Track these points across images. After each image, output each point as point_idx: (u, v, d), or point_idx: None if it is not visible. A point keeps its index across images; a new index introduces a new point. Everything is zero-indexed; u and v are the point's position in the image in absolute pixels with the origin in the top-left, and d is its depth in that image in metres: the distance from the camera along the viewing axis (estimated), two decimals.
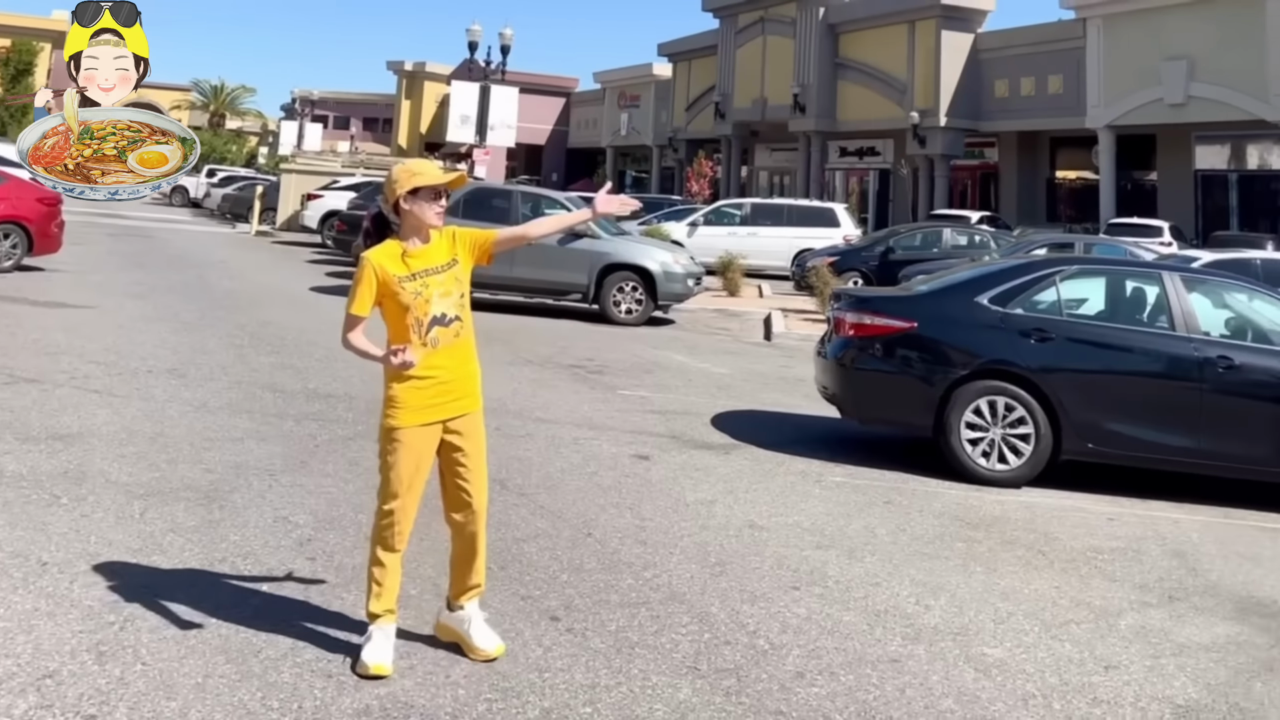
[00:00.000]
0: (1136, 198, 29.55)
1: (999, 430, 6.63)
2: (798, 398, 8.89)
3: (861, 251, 18.61)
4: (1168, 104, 27.02)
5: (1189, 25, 26.33)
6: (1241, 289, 7.42)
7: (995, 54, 32.68)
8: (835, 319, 7.48)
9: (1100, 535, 5.66)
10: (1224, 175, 28.51)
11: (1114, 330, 6.99)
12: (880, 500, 6.08)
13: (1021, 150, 33.73)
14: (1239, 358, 6.67)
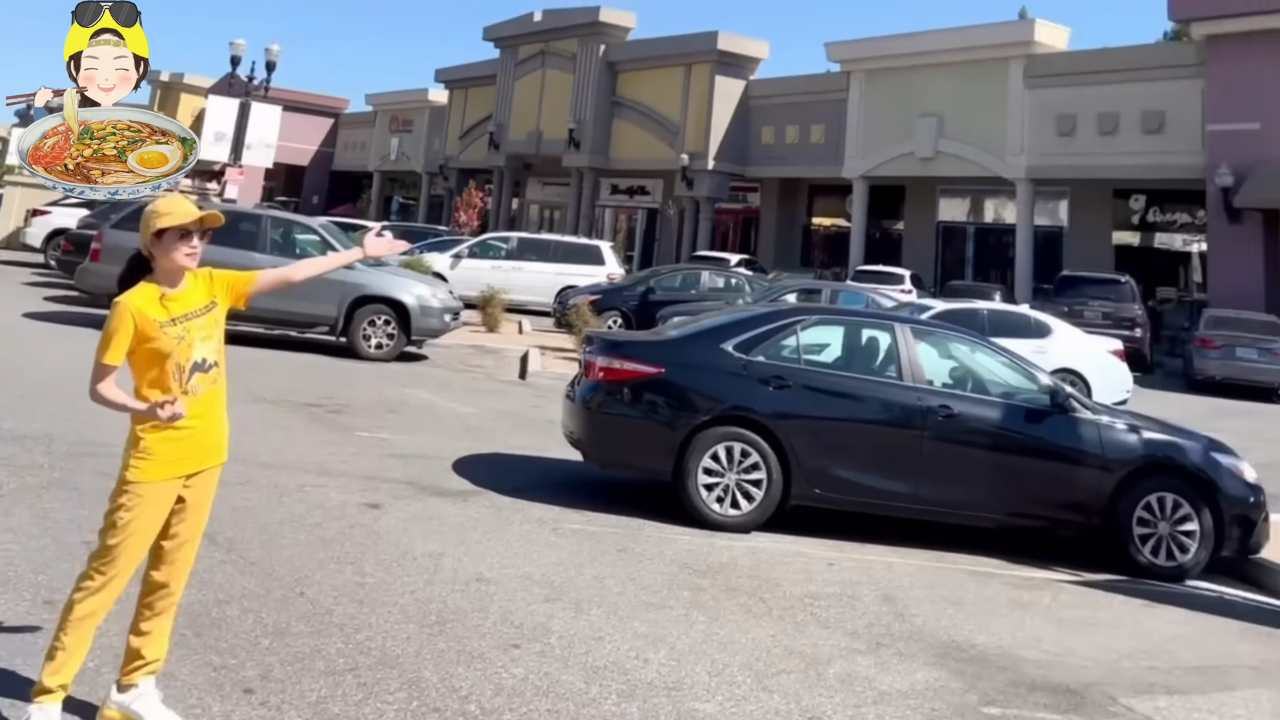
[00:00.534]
0: (884, 245, 31.85)
1: (734, 476, 6.85)
2: (547, 439, 8.89)
3: (623, 291, 18.98)
4: (918, 158, 29.32)
5: (941, 85, 28.71)
6: (965, 341, 7.98)
7: (764, 101, 34.40)
8: (586, 362, 7.54)
9: (819, 580, 5.94)
10: (963, 227, 31.25)
11: (846, 379, 7.38)
12: (614, 548, 6.13)
13: (782, 196, 35.64)
14: (957, 406, 7.18)
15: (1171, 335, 23.94)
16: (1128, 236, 27.77)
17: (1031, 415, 7.27)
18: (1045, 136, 26.70)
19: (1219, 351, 17.67)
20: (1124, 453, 7.10)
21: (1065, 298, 20.25)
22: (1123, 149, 25.22)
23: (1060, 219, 28.84)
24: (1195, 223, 25.67)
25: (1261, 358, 17.49)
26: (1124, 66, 25.73)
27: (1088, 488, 7.03)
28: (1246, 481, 7.19)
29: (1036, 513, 7.14)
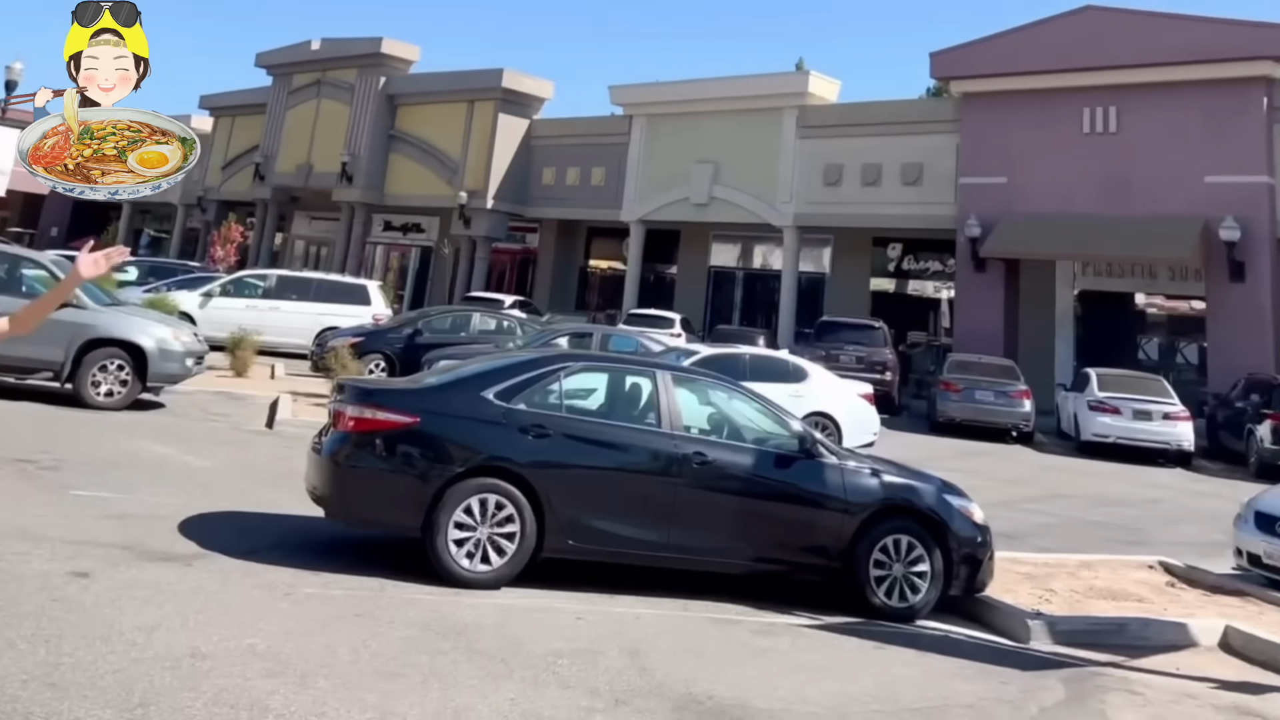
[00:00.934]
0: (658, 289, 32.67)
1: (487, 529, 6.73)
2: (290, 495, 8.46)
3: (388, 333, 18.51)
4: (693, 203, 30.26)
5: (719, 132, 29.76)
6: (722, 388, 8.18)
7: (547, 141, 34.61)
8: (335, 411, 7.26)
9: (565, 636, 5.91)
10: (733, 272, 32.49)
11: (606, 426, 7.41)
12: (352, 612, 5.90)
13: (561, 238, 35.97)
14: (712, 453, 7.36)
15: (919, 378, 25.54)
16: (884, 283, 29.65)
17: (781, 461, 7.51)
18: (813, 185, 28.10)
19: (960, 394, 19.00)
20: (864, 496, 7.44)
21: (824, 342, 21.40)
22: (884, 199, 26.85)
23: (824, 265, 30.47)
24: (946, 270, 27.67)
25: (998, 400, 18.90)
26: (888, 120, 27.48)
27: (830, 531, 7.31)
28: (975, 522, 7.64)
29: (783, 557, 7.38)
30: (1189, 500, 13.45)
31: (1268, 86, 21.67)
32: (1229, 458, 18.36)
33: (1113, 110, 23.27)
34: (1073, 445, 18.79)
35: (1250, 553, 8.77)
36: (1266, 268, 21.13)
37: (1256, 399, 17.70)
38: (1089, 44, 23.17)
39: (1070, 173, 23.45)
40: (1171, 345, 25.12)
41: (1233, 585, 8.45)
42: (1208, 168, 21.82)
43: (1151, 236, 21.98)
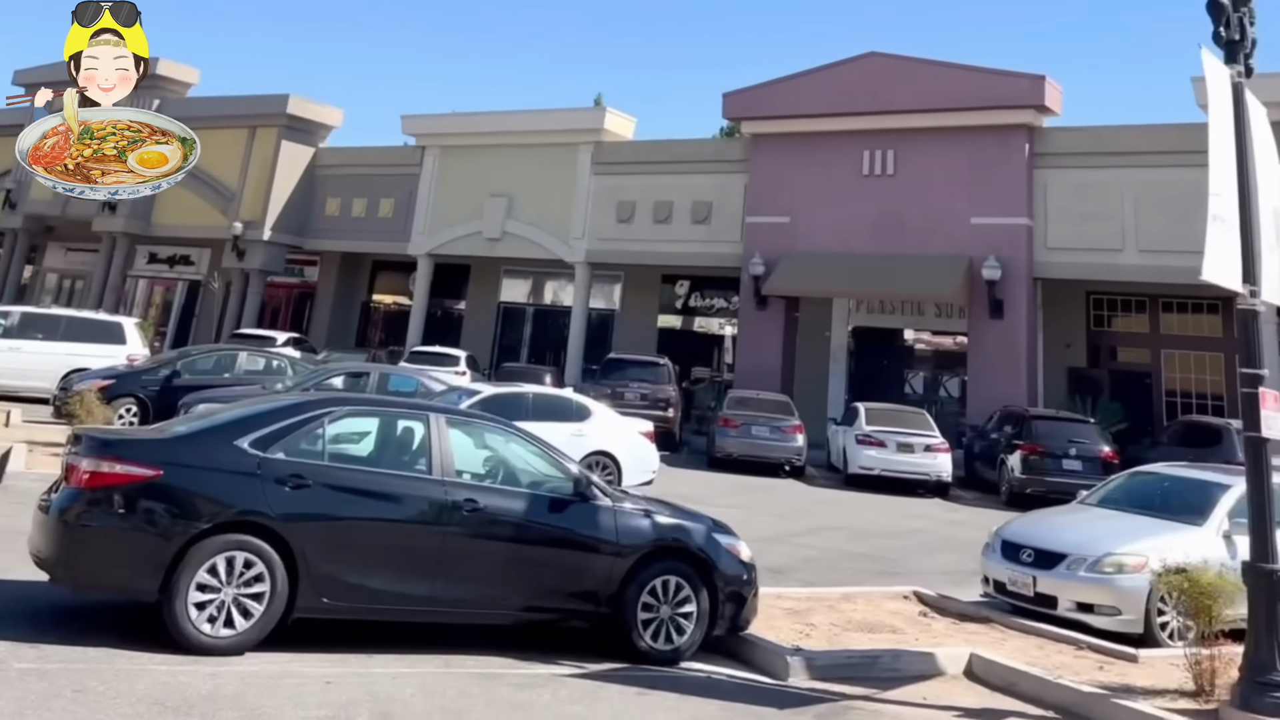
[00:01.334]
0: (445, 325, 32.32)
1: (232, 590, 6.37)
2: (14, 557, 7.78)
3: (142, 375, 17.42)
4: (485, 237, 30.12)
5: (514, 166, 29.80)
6: (500, 430, 8.03)
7: (333, 171, 33.70)
8: (68, 465, 6.73)
9: (312, 704, 5.65)
10: (523, 308, 32.53)
11: (371, 475, 7.15)
12: (71, 688, 5.46)
13: (343, 271, 35.02)
14: (484, 499, 7.23)
15: (701, 414, 26.28)
16: (672, 320, 30.38)
17: (555, 505, 7.46)
18: (606, 222, 28.50)
19: (738, 430, 19.56)
20: (637, 538, 7.48)
21: (610, 379, 21.70)
22: (674, 236, 27.49)
23: (614, 302, 30.92)
24: (730, 308, 28.58)
25: (773, 435, 19.58)
26: (681, 159, 28.26)
27: (601, 575, 7.31)
28: (742, 560, 7.78)
29: (553, 605, 7.32)
30: (945, 530, 14.32)
31: (1029, 134, 23.49)
32: (984, 487, 19.57)
33: (890, 153, 24.64)
34: (841, 478, 19.57)
35: (996, 580, 9.41)
36: (1023, 305, 22.83)
37: (1009, 430, 18.98)
38: (871, 89, 24.45)
39: (850, 213, 24.67)
40: (936, 379, 26.84)
41: (979, 613, 9.03)
42: (974, 209, 23.45)
43: (921, 275, 23.37)
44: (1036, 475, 17.75)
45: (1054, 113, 23.76)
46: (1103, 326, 25.21)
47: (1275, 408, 6.93)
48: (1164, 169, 21.29)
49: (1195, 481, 10.18)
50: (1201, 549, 8.69)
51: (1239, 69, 7.10)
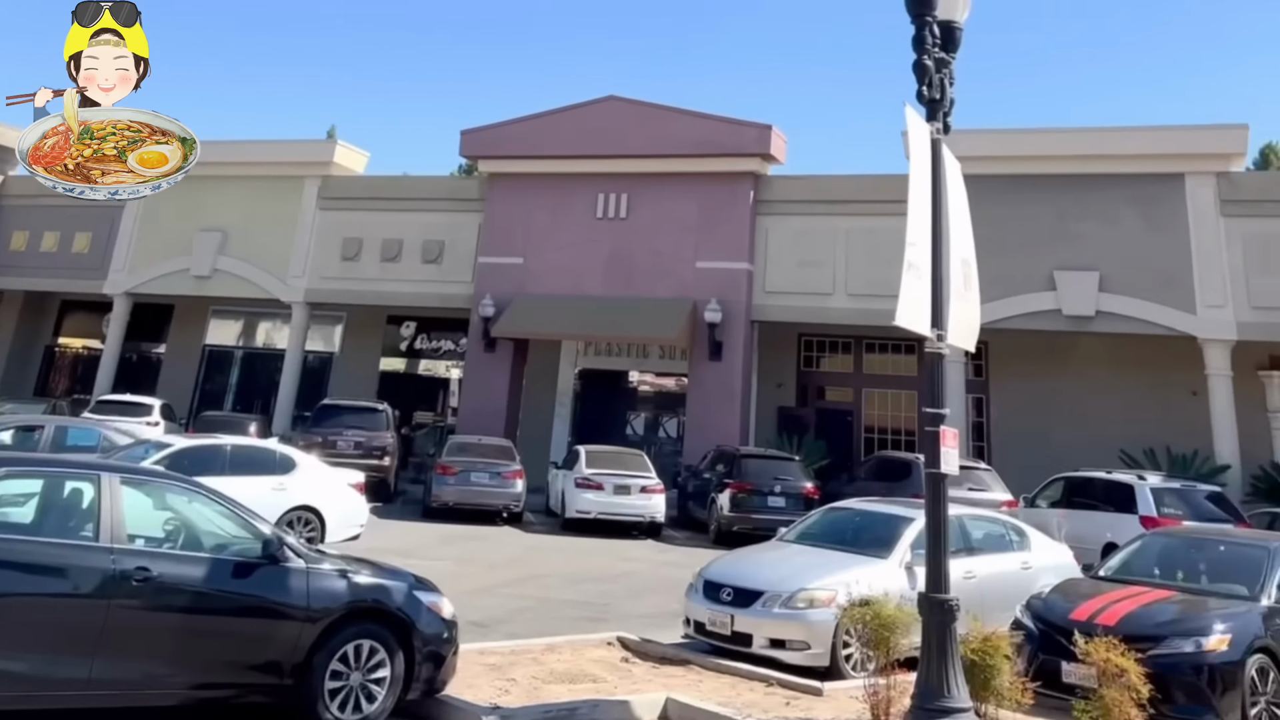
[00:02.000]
0: (142, 371, 30.22)
1: None
2: None
3: None
4: (193, 275, 28.44)
5: (232, 199, 28.26)
6: (183, 489, 7.41)
7: (21, 201, 30.64)
8: None
9: None
10: (231, 351, 30.88)
11: (26, 545, 6.39)
12: None
13: (26, 312, 32.10)
14: (158, 567, 6.62)
15: (420, 461, 25.72)
16: (396, 362, 29.73)
17: (240, 569, 6.96)
18: (330, 260, 27.57)
19: (456, 477, 19.11)
20: (330, 601, 7.09)
21: (322, 427, 20.81)
22: (403, 276, 26.94)
23: (334, 344, 29.93)
24: (458, 350, 28.27)
25: (492, 481, 19.25)
26: (414, 195, 27.82)
27: (287, 644, 6.87)
28: (443, 618, 7.50)
29: (228, 680, 6.78)
30: (655, 570, 14.56)
31: (754, 181, 24.68)
32: (696, 526, 20.09)
33: (625, 197, 25.21)
34: (558, 523, 19.52)
35: (697, 620, 9.64)
36: (740, 346, 23.85)
37: (721, 469, 19.58)
38: (608, 132, 24.97)
39: (582, 255, 25.06)
40: (657, 420, 27.64)
41: (679, 655, 9.21)
42: (701, 254, 24.36)
43: (648, 317, 23.99)
44: (744, 513, 18.29)
45: (778, 161, 25.04)
46: (812, 367, 26.78)
47: (954, 445, 7.44)
48: (874, 217, 22.84)
49: (882, 515, 10.83)
50: (885, 581, 9.29)
51: (938, 126, 7.61)
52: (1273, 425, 21.95)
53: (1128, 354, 22.98)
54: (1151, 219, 21.63)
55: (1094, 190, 22.03)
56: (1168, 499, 15.80)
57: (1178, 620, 8.25)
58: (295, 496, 13.25)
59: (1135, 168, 21.82)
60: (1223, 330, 20.71)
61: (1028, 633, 8.52)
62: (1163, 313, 21.11)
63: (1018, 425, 23.51)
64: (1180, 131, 22.29)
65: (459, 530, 17.49)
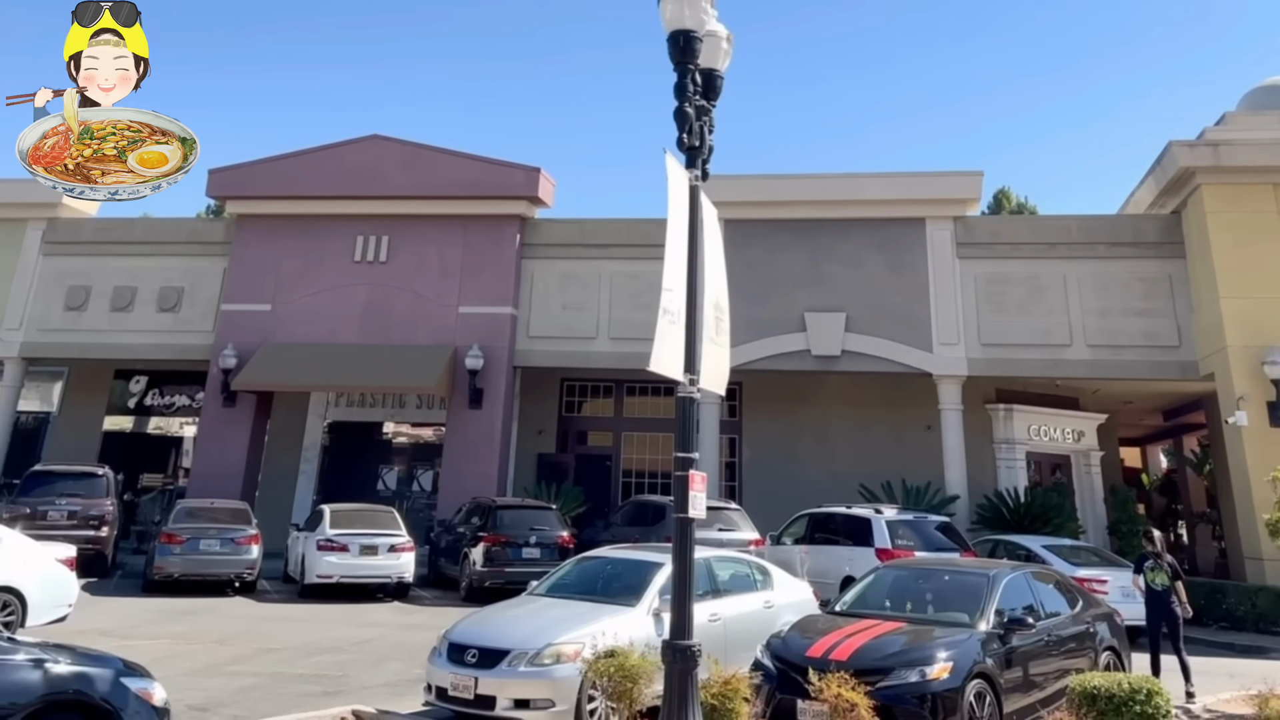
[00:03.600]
0: None
1: None
2: None
3: None
4: None
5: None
6: None
7: None
8: None
9: None
10: None
11: None
12: None
13: None
14: None
15: (143, 529, 24.07)
16: (123, 421, 27.78)
17: None
18: (52, 310, 25.62)
19: (183, 546, 17.74)
20: (21, 694, 6.46)
21: (31, 496, 18.85)
22: (134, 326, 25.32)
23: (51, 403, 27.67)
24: (194, 405, 26.71)
25: (224, 548, 17.94)
26: (151, 239, 26.14)
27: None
28: (154, 706, 7.05)
29: None
30: (399, 635, 14.02)
31: (521, 224, 24.60)
32: (447, 584, 19.50)
33: (385, 239, 24.62)
34: (296, 589, 18.54)
35: (438, 686, 9.14)
36: (501, 393, 23.61)
37: (476, 522, 19.03)
38: (370, 172, 24.36)
39: (338, 301, 24.29)
40: (411, 473, 26.98)
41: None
42: (464, 298, 24.05)
43: (405, 366, 23.38)
44: (497, 567, 17.89)
45: (546, 204, 25.07)
46: (574, 412, 26.93)
47: (702, 488, 7.56)
48: (638, 260, 23.37)
49: (633, 562, 10.81)
50: (632, 630, 9.27)
51: (697, 173, 7.80)
52: (997, 455, 23.79)
53: (870, 392, 24.35)
54: (895, 261, 22.99)
55: (843, 234, 23.25)
56: (901, 531, 16.57)
57: (904, 651, 8.56)
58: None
59: (881, 212, 23.16)
60: (955, 366, 22.23)
61: (766, 672, 8.63)
62: (903, 351, 22.44)
63: (767, 463, 24.40)
64: (922, 178, 23.68)
65: (184, 604, 16.26)
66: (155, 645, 11.46)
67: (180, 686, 7.26)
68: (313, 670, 11.29)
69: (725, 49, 8.15)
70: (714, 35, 7.95)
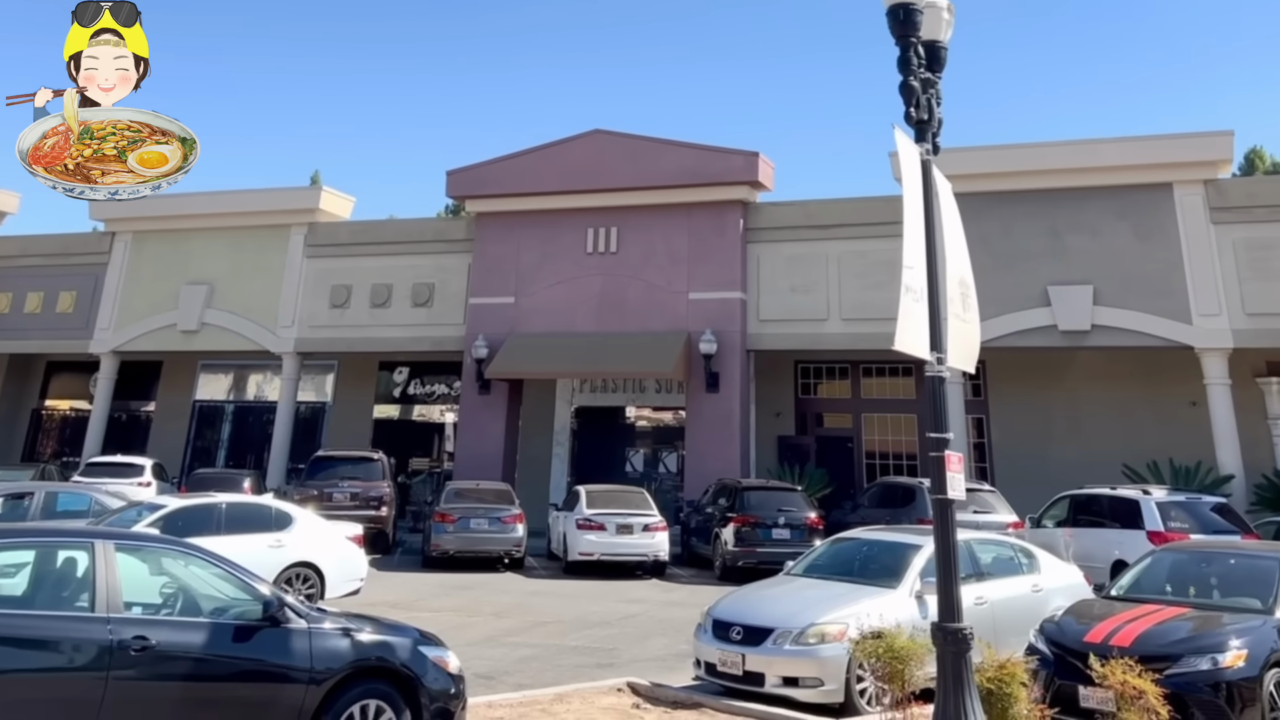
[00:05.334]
0: (131, 430, 30.10)
1: None
2: None
3: None
4: (181, 330, 28.38)
5: (217, 251, 28.36)
6: (179, 553, 7.29)
7: (4, 263, 30.83)
8: None
9: None
10: (222, 405, 30.76)
11: (18, 619, 6.33)
12: None
13: (11, 375, 32.03)
14: (156, 635, 6.50)
15: (417, 510, 25.49)
16: (389, 409, 29.63)
17: (240, 633, 6.83)
18: (319, 308, 27.52)
19: (455, 525, 18.94)
20: (334, 660, 6.97)
21: (317, 480, 20.61)
22: (393, 321, 26.87)
23: (326, 394, 29.85)
24: (452, 393, 28.24)
25: (492, 527, 19.09)
26: (401, 239, 27.72)
27: (290, 707, 6.73)
28: (449, 673, 7.39)
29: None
30: (661, 611, 14.42)
31: (743, 209, 24.68)
32: (700, 563, 19.92)
33: (614, 230, 25.19)
34: (560, 566, 19.36)
35: (707, 661, 9.52)
36: (736, 377, 23.77)
37: (724, 503, 19.35)
38: (595, 166, 25.01)
39: (574, 292, 25.06)
40: (656, 455, 27.53)
41: (691, 699, 9.11)
42: (693, 285, 24.37)
43: (642, 352, 23.92)
44: (748, 547, 18.14)
45: (766, 188, 25.02)
46: (810, 394, 26.77)
47: (959, 469, 7.38)
48: (865, 240, 23.04)
49: (889, 544, 10.75)
50: (896, 612, 9.22)
51: (928, 147, 7.64)
52: (1274, 432, 21.99)
53: (1125, 367, 23.06)
54: (1142, 230, 21.74)
55: (1084, 203, 22.16)
56: (1174, 513, 15.76)
57: (1192, 637, 8.19)
58: (293, 553, 13.16)
59: (1124, 179, 21.95)
60: (1219, 339, 20.78)
61: (1042, 658, 8.44)
62: (1158, 324, 21.16)
63: (1018, 444, 23.52)
64: (1165, 140, 22.36)
65: (460, 579, 17.34)
66: (439, 617, 12.26)
67: (466, 656, 7.70)
68: (585, 643, 11.81)
69: (947, 19, 7.91)
70: (934, 6, 7.72)
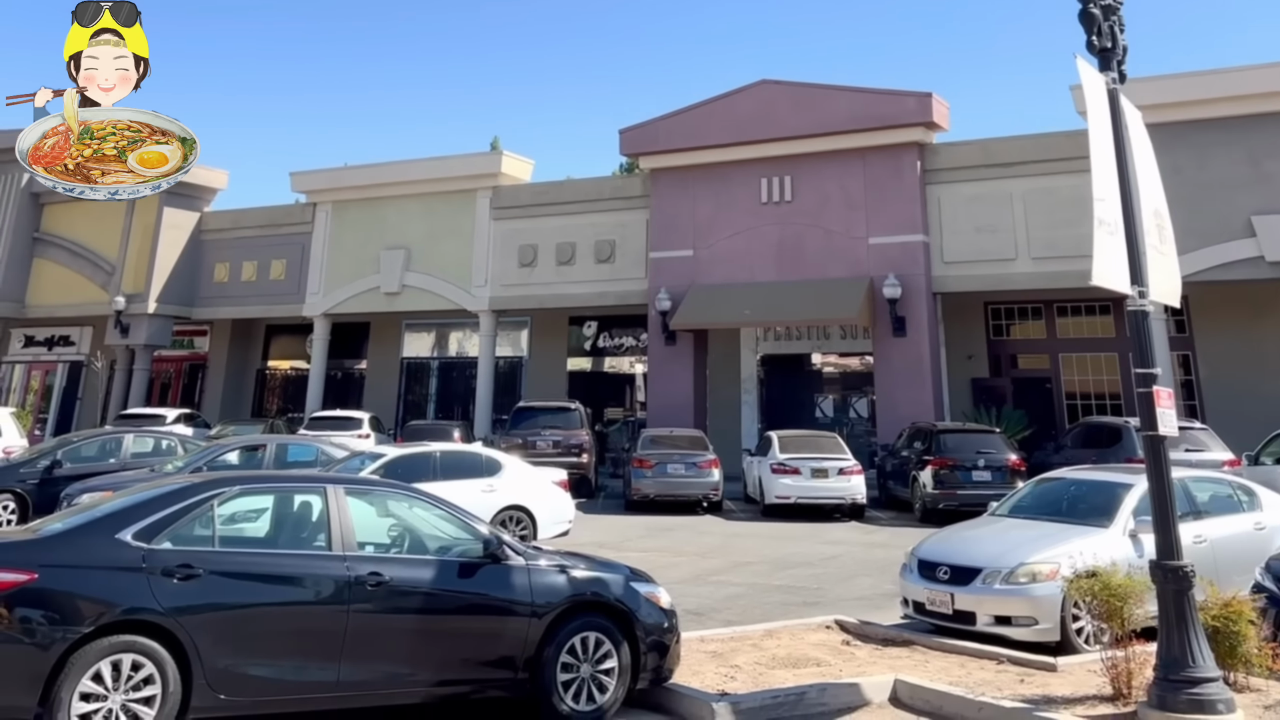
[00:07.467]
0: (346, 386, 31.80)
1: (120, 697, 5.96)
2: None
3: (20, 468, 16.58)
4: (384, 292, 29.71)
5: (410, 216, 29.60)
6: (403, 496, 7.70)
7: (220, 235, 33.02)
8: None
9: None
10: (427, 362, 32.18)
11: (265, 557, 6.79)
12: None
13: (235, 339, 34.27)
14: (389, 572, 6.90)
15: (615, 456, 26.13)
16: (582, 362, 30.31)
17: (465, 570, 7.16)
18: (509, 267, 28.36)
19: (653, 470, 19.45)
20: (552, 596, 7.22)
21: (520, 429, 21.44)
22: (578, 277, 27.48)
23: (522, 348, 30.80)
24: (639, 345, 28.67)
25: (689, 472, 19.51)
26: (580, 198, 28.24)
27: (517, 639, 7.03)
28: (662, 608, 7.55)
29: (467, 676, 6.99)
30: (863, 553, 14.39)
31: (920, 150, 23.98)
32: (898, 506, 19.76)
33: (788, 179, 24.92)
34: (758, 509, 19.58)
35: (915, 600, 9.46)
36: (924, 320, 23.22)
37: (919, 446, 19.13)
38: (764, 116, 24.80)
39: (753, 241, 24.97)
40: (845, 401, 27.25)
41: (901, 636, 9.06)
42: (872, 229, 23.88)
43: (824, 298, 23.65)
44: (948, 490, 17.88)
45: (942, 128, 24.25)
46: (1002, 336, 25.88)
47: (1170, 405, 7.08)
48: (1050, 176, 22.04)
49: (1099, 483, 10.40)
50: (1110, 551, 8.90)
51: (1113, 76, 7.29)
52: None
53: None
54: None
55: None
56: None
57: None
58: (505, 497, 13.71)
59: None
60: None
61: (1270, 596, 8.00)
62: None
63: (1227, 380, 22.15)
64: None
65: (662, 521, 17.77)
66: (646, 556, 12.54)
67: (675, 593, 7.87)
68: (789, 583, 11.88)
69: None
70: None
